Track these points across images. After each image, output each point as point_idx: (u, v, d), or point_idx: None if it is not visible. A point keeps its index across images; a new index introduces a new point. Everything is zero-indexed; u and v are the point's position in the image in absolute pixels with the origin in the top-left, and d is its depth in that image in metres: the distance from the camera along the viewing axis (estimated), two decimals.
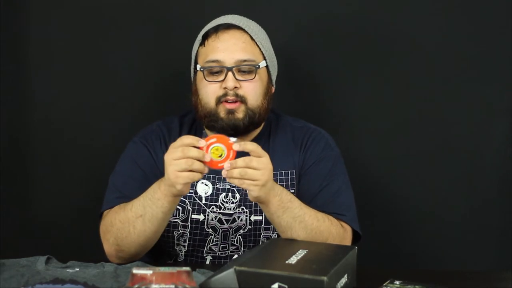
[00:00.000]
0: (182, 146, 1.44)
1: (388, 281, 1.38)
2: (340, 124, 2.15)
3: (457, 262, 2.17)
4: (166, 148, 1.71)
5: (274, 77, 1.78)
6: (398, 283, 1.38)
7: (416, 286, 1.36)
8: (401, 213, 2.19)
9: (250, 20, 1.74)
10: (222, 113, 1.67)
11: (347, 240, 1.65)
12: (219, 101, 1.67)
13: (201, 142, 1.45)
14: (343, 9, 2.13)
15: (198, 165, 1.44)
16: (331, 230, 1.61)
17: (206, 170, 1.45)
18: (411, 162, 2.16)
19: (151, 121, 1.82)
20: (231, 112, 1.66)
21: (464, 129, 2.15)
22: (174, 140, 1.72)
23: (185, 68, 1.82)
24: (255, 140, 1.73)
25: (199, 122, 1.76)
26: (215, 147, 1.46)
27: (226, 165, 1.45)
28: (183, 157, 1.43)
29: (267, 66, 1.73)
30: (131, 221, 1.55)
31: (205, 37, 1.71)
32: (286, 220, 1.55)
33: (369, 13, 2.12)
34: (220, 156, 1.46)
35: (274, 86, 1.78)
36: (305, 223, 1.56)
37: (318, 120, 1.92)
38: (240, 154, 1.48)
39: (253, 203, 1.69)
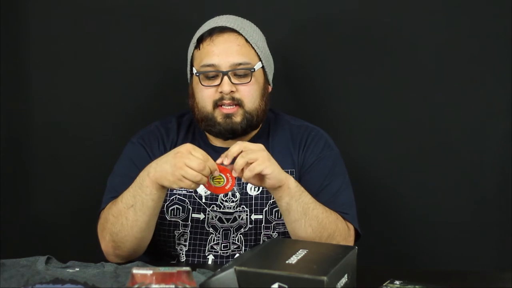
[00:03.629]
0: (201, 161, 1.45)
1: (388, 281, 1.38)
2: (338, 123, 2.15)
3: (457, 262, 2.17)
4: (164, 148, 1.73)
5: (270, 76, 1.78)
6: (398, 283, 1.38)
7: (416, 286, 1.36)
8: (401, 213, 2.19)
9: (245, 21, 1.74)
10: (219, 117, 1.67)
11: (351, 239, 1.66)
12: (216, 105, 1.67)
13: (216, 173, 1.48)
14: (342, 7, 2.13)
15: (204, 181, 1.47)
16: (338, 224, 1.62)
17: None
18: (411, 162, 2.16)
19: (150, 121, 1.82)
20: (228, 116, 1.67)
21: (464, 129, 2.15)
22: (172, 140, 1.74)
23: (185, 68, 1.82)
24: (253, 140, 1.74)
25: (197, 123, 1.77)
26: (215, 176, 1.49)
27: (225, 161, 1.48)
28: (197, 170, 1.44)
29: (263, 67, 1.73)
30: (123, 213, 1.56)
31: (200, 40, 1.70)
32: (302, 205, 1.55)
33: (367, 12, 2.12)
34: (221, 182, 1.50)
35: (271, 85, 1.78)
36: (317, 211, 1.57)
37: (316, 119, 1.93)
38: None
39: (253, 202, 1.70)
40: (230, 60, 1.67)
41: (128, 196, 1.56)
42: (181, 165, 1.45)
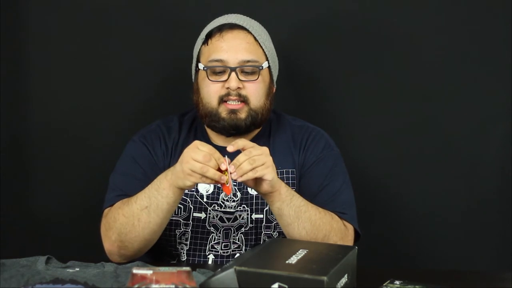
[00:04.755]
0: (206, 153, 1.45)
1: (388, 281, 1.38)
2: (339, 123, 2.15)
3: (457, 262, 2.17)
4: (165, 147, 1.73)
5: (275, 77, 1.78)
6: (398, 283, 1.38)
7: (416, 286, 1.36)
8: (401, 213, 2.19)
9: (253, 20, 1.75)
10: (224, 113, 1.67)
11: (349, 238, 1.65)
12: (221, 100, 1.67)
13: (223, 166, 1.47)
14: (344, 8, 2.13)
15: (211, 174, 1.45)
16: (333, 224, 1.61)
17: (223, 179, 1.46)
18: (411, 162, 2.16)
19: (151, 121, 1.82)
20: (233, 112, 1.67)
21: (464, 129, 2.15)
22: (174, 139, 1.75)
23: (185, 68, 1.82)
24: (255, 139, 1.74)
25: (199, 121, 1.77)
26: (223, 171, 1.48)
27: (231, 168, 1.46)
28: (202, 162, 1.44)
29: (269, 67, 1.73)
30: (135, 214, 1.56)
31: (209, 36, 1.71)
32: (293, 208, 1.55)
33: (369, 12, 2.12)
34: (227, 181, 1.48)
35: (275, 86, 1.79)
36: (309, 213, 1.57)
37: (317, 119, 1.93)
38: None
39: (254, 201, 1.70)
40: (239, 57, 1.67)
41: (143, 197, 1.56)
42: (188, 159, 1.46)
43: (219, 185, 1.69)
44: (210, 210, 1.70)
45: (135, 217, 1.56)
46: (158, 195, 1.53)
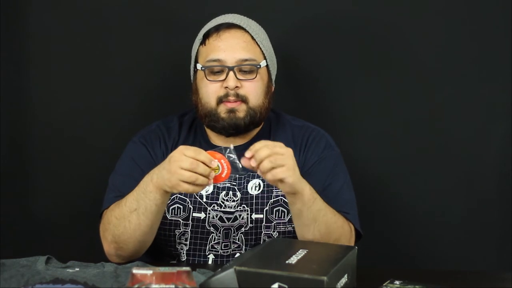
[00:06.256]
0: (193, 159, 1.43)
1: (388, 281, 1.38)
2: (339, 123, 2.15)
3: (457, 262, 2.17)
4: (165, 148, 1.73)
5: (273, 76, 1.79)
6: (398, 283, 1.38)
7: (416, 286, 1.36)
8: (401, 213, 2.19)
9: (250, 20, 1.75)
10: (222, 112, 1.67)
11: (353, 239, 1.66)
12: (220, 101, 1.67)
13: (214, 163, 1.45)
14: (343, 7, 2.13)
15: (201, 181, 1.44)
16: (344, 227, 1.62)
17: (210, 183, 1.45)
18: (411, 162, 2.16)
19: (151, 121, 1.82)
20: (232, 111, 1.67)
21: (464, 129, 2.15)
22: (173, 140, 1.74)
23: (185, 68, 1.82)
24: (254, 138, 1.74)
25: (199, 122, 1.77)
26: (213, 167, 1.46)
27: (247, 154, 1.43)
28: (190, 170, 1.43)
29: (267, 66, 1.73)
30: (126, 216, 1.56)
31: (206, 36, 1.71)
32: (313, 212, 1.54)
33: (368, 12, 2.12)
34: (217, 170, 1.46)
35: (274, 85, 1.79)
36: (327, 217, 1.57)
37: (317, 119, 1.93)
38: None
39: (253, 201, 1.70)
40: (236, 56, 1.67)
41: (131, 200, 1.56)
42: (175, 169, 1.44)
43: (218, 185, 1.70)
44: (209, 210, 1.70)
45: (125, 219, 1.56)
46: (146, 198, 1.53)
